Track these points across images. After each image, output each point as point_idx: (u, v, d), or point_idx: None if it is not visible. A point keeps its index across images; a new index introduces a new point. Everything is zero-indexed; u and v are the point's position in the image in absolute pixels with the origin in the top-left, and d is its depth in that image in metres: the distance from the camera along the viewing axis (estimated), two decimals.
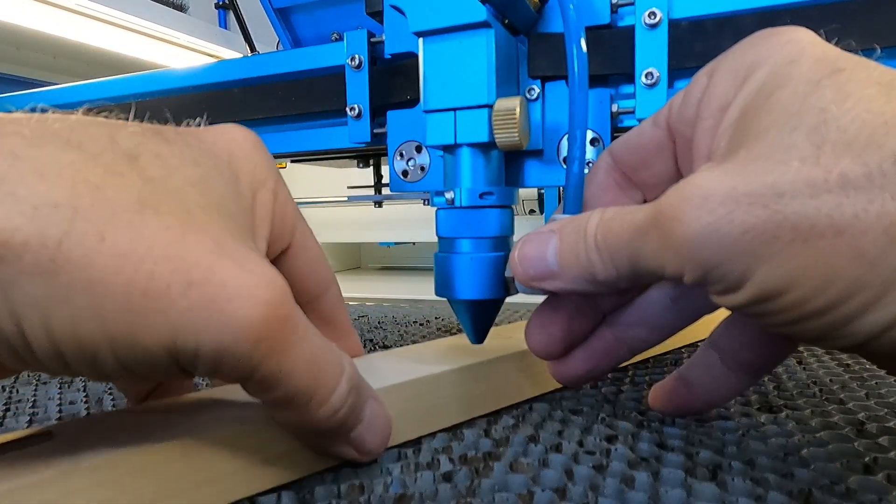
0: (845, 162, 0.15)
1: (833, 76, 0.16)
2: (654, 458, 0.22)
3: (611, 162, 0.24)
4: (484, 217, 0.26)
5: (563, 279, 0.21)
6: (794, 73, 0.17)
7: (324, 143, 0.38)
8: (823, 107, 0.16)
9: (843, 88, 0.16)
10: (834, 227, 0.15)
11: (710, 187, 0.16)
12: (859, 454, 0.22)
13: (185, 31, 1.04)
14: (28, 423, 0.30)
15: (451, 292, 0.26)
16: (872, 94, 0.16)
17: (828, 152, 0.15)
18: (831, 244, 0.15)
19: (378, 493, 0.21)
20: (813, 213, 0.15)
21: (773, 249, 0.15)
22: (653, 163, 0.23)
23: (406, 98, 0.32)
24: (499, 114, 0.25)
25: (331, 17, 0.63)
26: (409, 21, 0.25)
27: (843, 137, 0.15)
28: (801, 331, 0.17)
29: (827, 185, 0.15)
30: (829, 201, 0.15)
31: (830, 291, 0.15)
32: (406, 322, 0.55)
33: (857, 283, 0.15)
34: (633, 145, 0.23)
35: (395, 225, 1.10)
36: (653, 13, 0.27)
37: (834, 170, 0.15)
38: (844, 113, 0.16)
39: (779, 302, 0.16)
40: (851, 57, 0.17)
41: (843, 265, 0.15)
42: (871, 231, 0.15)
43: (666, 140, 0.22)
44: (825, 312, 0.16)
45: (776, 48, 0.18)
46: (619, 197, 0.24)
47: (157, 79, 0.41)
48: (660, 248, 0.18)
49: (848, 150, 0.15)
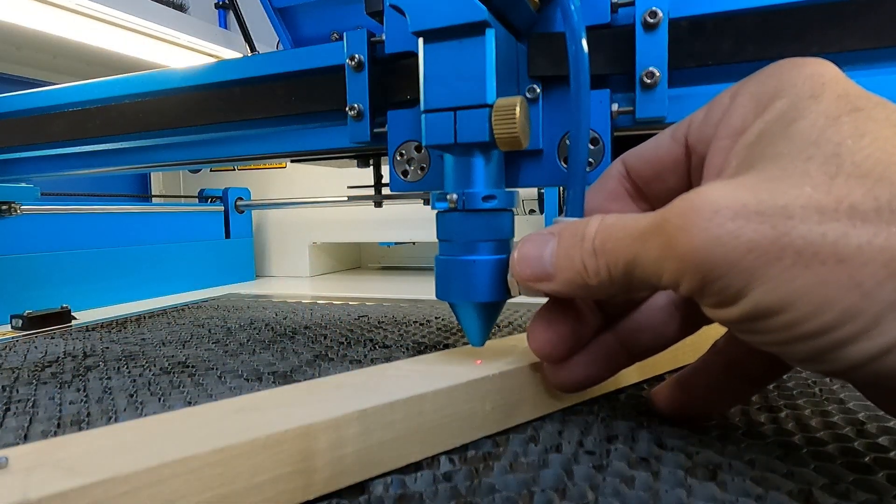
0: (856, 194, 0.15)
1: (852, 114, 0.17)
2: (653, 458, 0.22)
3: (623, 171, 0.24)
4: (485, 220, 0.26)
5: (556, 282, 0.21)
6: (814, 107, 0.18)
7: (324, 143, 0.38)
8: (840, 141, 0.16)
9: (860, 126, 0.16)
10: (837, 256, 0.15)
11: (721, 201, 0.17)
12: (859, 454, 0.22)
13: (185, 31, 1.04)
14: (28, 423, 0.30)
15: (453, 295, 0.26)
16: (888, 136, 0.16)
17: (840, 183, 0.16)
18: (831, 271, 0.15)
19: (378, 493, 0.21)
20: (818, 240, 0.15)
21: (774, 270, 0.16)
22: (667, 177, 0.23)
23: (406, 98, 0.32)
24: (499, 111, 0.25)
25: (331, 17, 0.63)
26: (409, 21, 0.25)
27: (856, 171, 0.16)
28: (791, 352, 0.17)
29: (836, 214, 0.15)
30: (836, 229, 0.15)
31: (824, 317, 0.16)
32: (406, 322, 0.55)
33: (850, 311, 0.15)
34: (649, 157, 0.23)
35: (395, 225, 1.10)
36: (653, 13, 0.27)
37: (844, 200, 0.15)
38: (860, 149, 0.16)
39: (772, 321, 0.16)
40: (871, 97, 0.18)
41: (840, 293, 0.15)
42: (872, 263, 0.15)
43: (682, 155, 0.22)
44: (816, 336, 0.16)
45: (799, 80, 0.19)
46: (627, 206, 0.24)
47: (157, 79, 0.41)
48: (660, 256, 0.18)
49: (860, 183, 0.15)
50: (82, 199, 0.86)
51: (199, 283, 0.99)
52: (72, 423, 0.30)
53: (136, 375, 0.39)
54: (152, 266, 0.91)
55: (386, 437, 0.22)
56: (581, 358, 0.25)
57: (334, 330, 0.53)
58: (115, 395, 0.34)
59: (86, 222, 0.82)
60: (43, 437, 0.28)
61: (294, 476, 0.19)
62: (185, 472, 0.17)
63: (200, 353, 0.45)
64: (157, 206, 1.08)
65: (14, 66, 1.04)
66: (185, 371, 0.39)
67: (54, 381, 0.38)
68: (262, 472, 0.19)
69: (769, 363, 0.23)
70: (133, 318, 0.64)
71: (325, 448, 0.20)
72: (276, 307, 0.70)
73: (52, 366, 0.43)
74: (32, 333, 0.59)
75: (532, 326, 0.25)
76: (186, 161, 0.43)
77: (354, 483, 0.21)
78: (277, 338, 0.50)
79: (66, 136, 0.44)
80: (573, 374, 0.25)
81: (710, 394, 0.25)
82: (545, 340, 0.25)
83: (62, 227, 0.79)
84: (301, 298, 0.79)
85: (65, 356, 0.46)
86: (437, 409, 0.23)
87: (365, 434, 0.21)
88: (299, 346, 0.46)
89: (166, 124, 0.40)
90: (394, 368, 0.27)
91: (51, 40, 0.93)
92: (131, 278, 0.87)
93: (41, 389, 0.36)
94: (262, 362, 0.41)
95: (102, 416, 0.31)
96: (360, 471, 0.21)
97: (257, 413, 0.21)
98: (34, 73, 1.07)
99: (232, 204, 1.11)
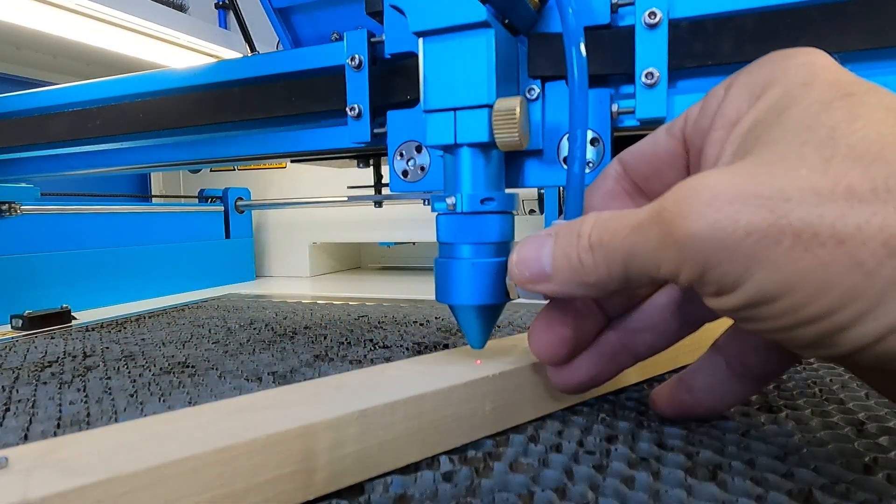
0: (853, 175, 0.15)
1: (844, 99, 0.17)
2: (654, 458, 0.22)
3: (620, 170, 0.24)
4: (485, 222, 0.26)
5: (555, 282, 0.21)
6: (806, 94, 0.18)
7: (324, 143, 0.38)
8: (834, 125, 0.16)
9: (853, 110, 0.16)
10: (836, 237, 0.15)
11: (718, 186, 0.16)
12: (859, 454, 0.22)
13: (185, 31, 1.04)
14: (28, 423, 0.30)
15: (452, 298, 0.26)
16: (882, 118, 0.16)
17: (836, 165, 0.16)
18: (831, 253, 0.15)
19: (378, 493, 0.21)
20: (817, 221, 0.15)
21: (773, 254, 0.16)
22: (665, 172, 0.23)
23: (406, 98, 0.32)
24: (499, 113, 0.25)
25: (331, 17, 0.63)
26: (409, 21, 0.25)
27: (851, 153, 0.16)
28: (793, 338, 0.17)
29: (833, 195, 0.15)
30: (834, 211, 0.15)
31: (825, 299, 0.15)
32: (406, 322, 0.55)
33: (852, 292, 0.15)
34: (646, 154, 0.23)
35: (395, 225, 1.10)
36: (653, 13, 0.27)
37: (841, 181, 0.15)
38: (854, 132, 0.16)
39: (773, 307, 0.16)
40: (863, 82, 0.17)
41: (841, 274, 0.15)
42: (871, 242, 0.15)
43: (680, 150, 0.22)
44: (818, 320, 0.16)
45: (791, 69, 0.19)
46: (626, 205, 0.24)
47: (157, 79, 0.41)
48: (658, 245, 0.18)
49: (856, 164, 0.15)
50: (82, 199, 0.86)
51: (199, 283, 0.99)
52: (72, 423, 0.30)
53: (136, 375, 0.39)
54: (152, 266, 0.91)
55: (386, 437, 0.22)
56: (584, 359, 0.25)
57: (334, 330, 0.53)
58: (115, 395, 0.34)
59: (86, 222, 0.82)
60: (43, 437, 0.28)
61: (294, 476, 0.19)
62: (185, 472, 0.17)
63: (200, 353, 0.45)
64: (157, 206, 1.08)
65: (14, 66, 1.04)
66: (185, 371, 0.39)
67: (54, 381, 0.38)
68: (262, 472, 0.19)
69: (770, 360, 0.23)
70: (133, 318, 0.64)
71: (326, 448, 0.20)
72: (276, 307, 0.70)
73: (52, 366, 0.43)
74: (32, 333, 0.59)
75: (533, 329, 0.25)
76: (186, 161, 0.43)
77: (354, 483, 0.21)
78: (277, 338, 0.50)
79: (66, 136, 0.44)
80: (576, 376, 0.25)
81: (711, 393, 0.25)
82: (547, 343, 0.25)
83: (62, 227, 0.79)
84: (301, 298, 0.79)
85: (65, 356, 0.46)
86: (437, 409, 0.23)
87: (365, 434, 0.21)
88: (299, 346, 0.46)
89: (166, 124, 0.40)
90: (394, 368, 0.27)
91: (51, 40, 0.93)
92: (131, 278, 0.87)
93: (41, 389, 0.36)
94: (261, 362, 0.41)
95: (102, 416, 0.31)
96: (361, 471, 0.21)
97: (257, 413, 0.21)
98: (34, 73, 1.07)
99: (232, 204, 1.11)
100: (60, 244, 0.78)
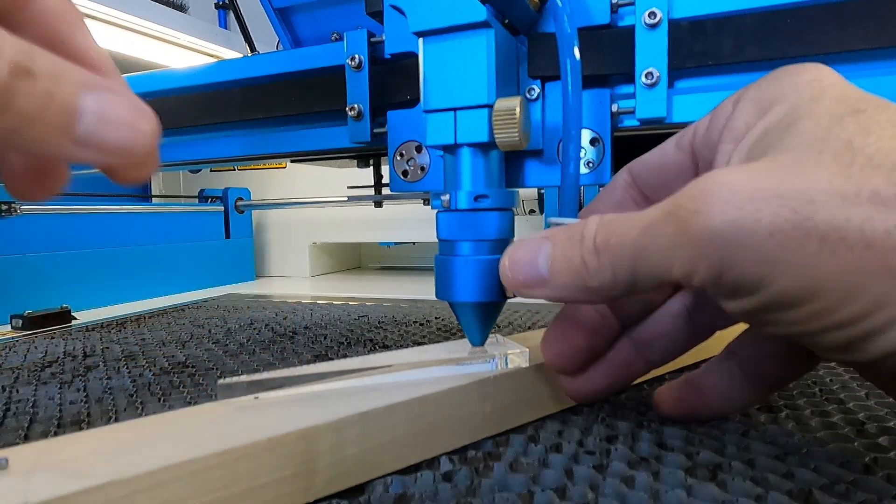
0: (876, 180, 0.15)
1: (855, 115, 0.17)
2: (653, 458, 0.22)
3: (630, 179, 0.24)
4: (483, 219, 0.26)
5: (552, 286, 0.21)
6: (816, 109, 0.17)
7: (324, 143, 0.38)
8: (849, 138, 0.16)
9: (865, 126, 0.16)
10: (864, 241, 0.15)
11: (738, 183, 0.16)
12: (859, 454, 0.22)
13: (185, 31, 1.04)
14: (28, 423, 0.30)
15: (452, 295, 0.26)
16: (893, 133, 0.16)
17: (857, 171, 0.15)
18: (859, 257, 0.15)
19: (378, 493, 0.21)
20: (844, 224, 0.15)
21: (797, 256, 0.15)
22: (673, 184, 0.22)
23: (406, 98, 0.32)
24: (499, 114, 0.25)
25: (331, 17, 0.63)
26: (409, 21, 0.25)
27: (870, 162, 0.15)
28: (818, 343, 0.16)
29: (858, 198, 0.15)
30: (861, 214, 0.15)
31: (854, 305, 0.15)
32: (406, 322, 0.55)
33: (882, 297, 0.15)
34: (655, 166, 0.23)
35: (395, 225, 1.10)
36: (653, 13, 0.27)
37: (866, 186, 0.15)
38: (869, 145, 0.16)
39: (798, 311, 0.16)
40: (871, 98, 0.17)
41: (870, 279, 0.15)
42: None
43: (689, 162, 0.22)
44: (845, 326, 0.15)
45: (799, 85, 0.18)
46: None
47: (157, 79, 0.41)
48: (672, 244, 0.17)
49: (877, 171, 0.15)
50: (82, 199, 0.86)
51: (199, 283, 0.99)
52: (72, 423, 0.30)
53: (136, 375, 0.39)
54: (152, 266, 0.91)
55: (386, 438, 0.22)
56: (598, 368, 0.25)
57: (334, 330, 0.53)
58: (116, 395, 0.34)
59: (86, 222, 0.82)
60: (43, 437, 0.28)
61: (295, 478, 0.19)
62: (186, 475, 0.17)
63: (200, 353, 0.45)
64: (157, 206, 1.08)
65: None
66: (185, 371, 0.39)
67: (54, 381, 0.38)
68: (263, 474, 0.19)
69: (785, 367, 0.23)
70: (133, 318, 0.64)
71: (326, 450, 0.20)
72: (276, 307, 0.70)
73: (52, 366, 0.43)
74: (32, 333, 0.59)
75: (546, 339, 0.25)
76: (186, 161, 0.43)
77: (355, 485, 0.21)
78: (277, 338, 0.50)
79: None
80: (591, 385, 0.25)
81: (721, 396, 0.25)
82: (560, 353, 0.24)
83: (62, 227, 0.79)
84: (301, 299, 0.79)
85: (65, 356, 0.46)
86: (438, 410, 0.23)
87: (365, 436, 0.21)
88: (299, 346, 0.46)
89: (166, 124, 0.40)
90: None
91: None
92: (131, 278, 0.87)
93: (41, 389, 0.36)
94: (262, 363, 0.41)
95: (102, 416, 0.31)
96: (361, 472, 0.21)
97: (258, 415, 0.21)
98: None
99: (232, 204, 1.11)
100: (60, 244, 0.78)
